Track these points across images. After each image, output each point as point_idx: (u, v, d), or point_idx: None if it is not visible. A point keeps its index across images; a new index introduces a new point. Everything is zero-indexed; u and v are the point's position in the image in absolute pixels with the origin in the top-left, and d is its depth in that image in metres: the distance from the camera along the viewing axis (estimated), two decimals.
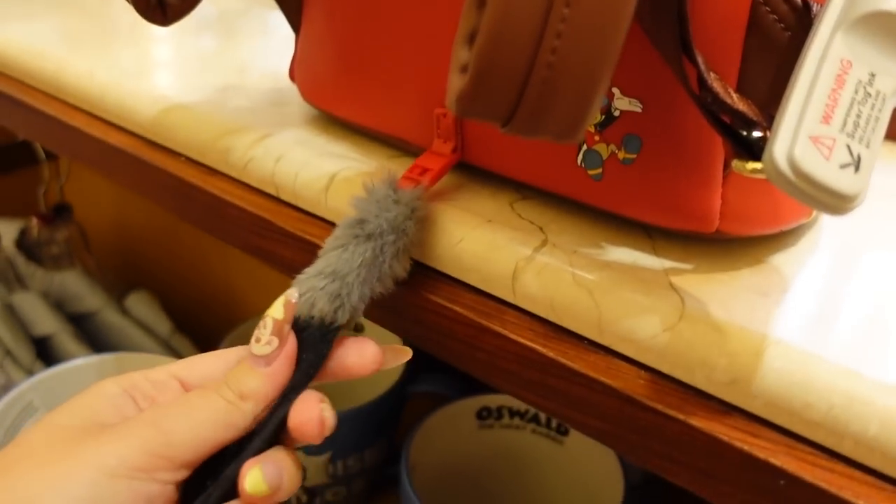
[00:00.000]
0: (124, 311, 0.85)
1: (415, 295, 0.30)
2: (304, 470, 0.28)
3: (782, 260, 0.29)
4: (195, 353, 0.83)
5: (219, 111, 0.40)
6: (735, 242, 0.29)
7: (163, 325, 0.84)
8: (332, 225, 0.32)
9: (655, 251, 0.28)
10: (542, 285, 0.27)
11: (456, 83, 0.22)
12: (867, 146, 0.20)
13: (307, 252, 0.33)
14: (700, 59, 0.23)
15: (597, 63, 0.21)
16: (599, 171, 0.28)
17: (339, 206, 0.33)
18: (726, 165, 0.26)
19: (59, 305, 0.84)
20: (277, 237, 0.34)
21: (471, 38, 0.23)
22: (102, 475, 0.25)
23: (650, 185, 0.27)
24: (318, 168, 0.35)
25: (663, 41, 0.24)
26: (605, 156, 0.28)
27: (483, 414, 0.58)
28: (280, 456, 0.27)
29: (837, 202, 0.20)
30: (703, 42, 0.24)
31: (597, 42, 0.20)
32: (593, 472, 0.54)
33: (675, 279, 0.27)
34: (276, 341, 0.27)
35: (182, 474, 0.26)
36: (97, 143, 0.43)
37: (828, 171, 0.19)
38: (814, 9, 0.24)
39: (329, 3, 0.35)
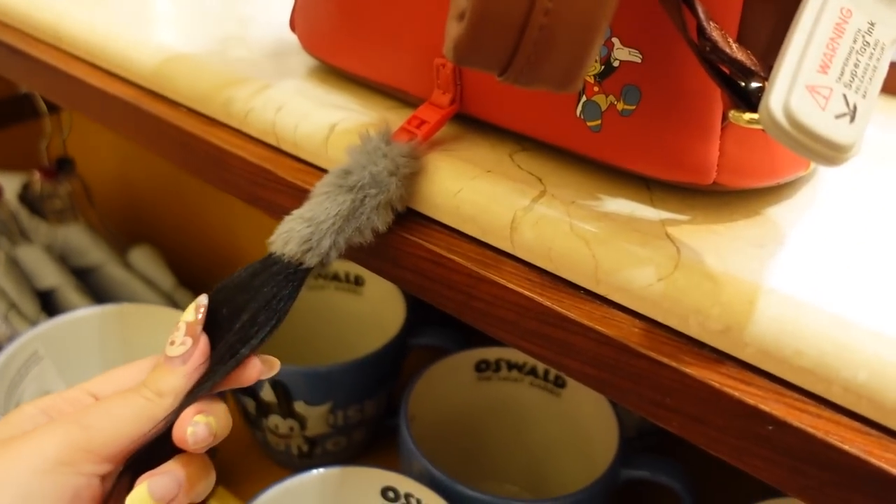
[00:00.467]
0: (127, 266, 0.85)
1: (413, 245, 0.30)
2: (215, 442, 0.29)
3: (779, 212, 0.29)
4: None
5: (220, 61, 0.40)
6: (732, 194, 0.29)
7: (166, 279, 0.84)
8: None
9: (653, 202, 0.29)
10: (540, 236, 0.28)
11: (453, 31, 0.22)
12: (864, 96, 0.20)
13: None
14: (700, 8, 0.23)
15: (594, 10, 0.21)
16: (598, 122, 0.28)
17: (339, 156, 0.33)
18: (724, 117, 0.26)
19: (63, 259, 0.85)
20: (278, 187, 0.35)
21: None
22: (28, 472, 0.26)
23: (648, 136, 0.27)
24: (318, 119, 0.35)
25: None
26: (604, 107, 0.28)
27: (481, 366, 0.58)
28: (174, 467, 0.28)
29: (832, 152, 0.20)
30: None
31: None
32: (589, 423, 0.55)
33: (671, 230, 0.27)
34: (189, 341, 0.29)
35: (105, 468, 0.28)
36: (98, 92, 0.43)
37: (823, 121, 0.19)
38: None
39: None
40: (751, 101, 0.23)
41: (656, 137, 0.27)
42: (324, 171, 0.34)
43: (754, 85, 0.23)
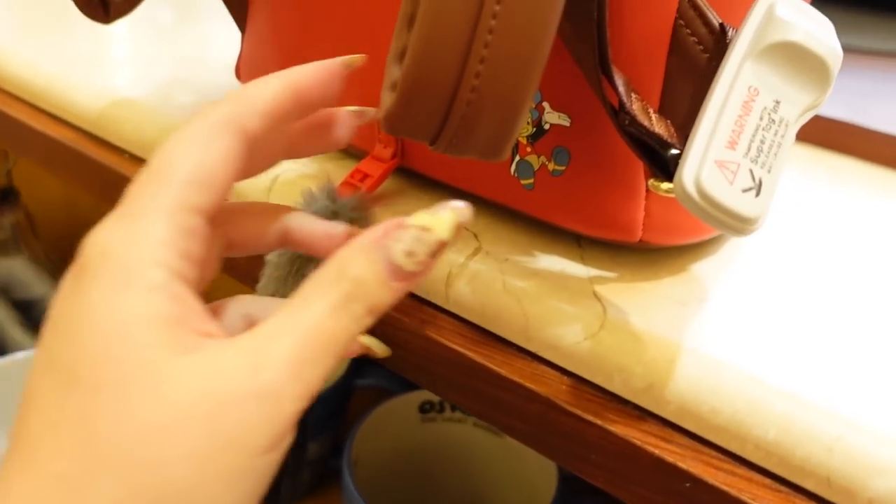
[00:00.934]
0: None
1: None
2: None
3: (702, 268, 0.30)
4: None
5: (166, 107, 0.40)
6: (658, 252, 0.30)
7: None
8: None
9: (583, 259, 0.30)
10: (474, 292, 0.29)
11: (386, 101, 0.23)
12: (769, 171, 0.21)
13: (251, 258, 0.34)
14: (620, 82, 0.24)
15: (519, 87, 0.22)
16: (531, 181, 0.29)
17: None
18: (649, 179, 0.28)
19: (5, 292, 0.83)
20: None
21: (401, 57, 0.24)
22: None
23: (578, 195, 0.29)
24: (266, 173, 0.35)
25: (585, 64, 0.25)
26: (536, 166, 0.29)
27: (426, 407, 0.59)
28: None
29: (739, 224, 0.21)
30: (627, 61, 0.26)
31: (518, 69, 0.21)
32: (531, 464, 0.56)
33: (599, 288, 0.28)
34: (429, 263, 0.22)
35: None
36: (40, 136, 0.43)
37: (731, 195, 0.21)
38: (729, 33, 0.25)
39: (272, 4, 0.36)
40: (668, 171, 0.24)
41: (585, 197, 0.29)
42: None
43: (673, 152, 0.25)
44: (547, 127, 0.28)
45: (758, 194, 0.21)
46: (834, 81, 0.23)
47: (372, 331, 0.31)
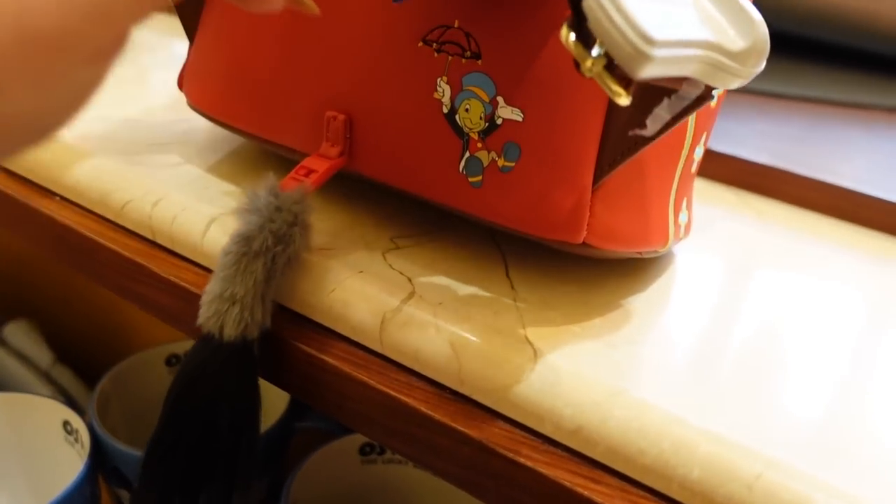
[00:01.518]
0: (2, 342, 0.81)
1: (287, 344, 0.31)
2: None
3: (631, 310, 0.31)
4: (77, 386, 0.80)
5: (98, 149, 0.40)
6: (589, 293, 0.31)
7: (43, 355, 0.81)
8: (208, 271, 0.33)
9: (516, 302, 0.30)
10: (408, 337, 0.29)
11: None
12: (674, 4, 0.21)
13: (182, 299, 0.34)
14: None
15: None
16: (479, 178, 0.30)
17: (217, 251, 0.33)
18: (596, 179, 0.29)
19: None
20: (152, 282, 0.35)
21: None
22: None
23: (525, 193, 0.29)
24: (197, 212, 0.35)
25: None
26: (485, 163, 0.30)
27: (366, 449, 0.58)
28: None
29: (636, 39, 0.20)
30: None
31: None
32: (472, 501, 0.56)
33: (531, 331, 0.28)
34: None
35: None
36: None
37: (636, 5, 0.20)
38: None
39: (227, 7, 0.36)
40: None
41: (532, 194, 0.29)
42: (200, 266, 0.35)
43: None
44: (499, 122, 0.29)
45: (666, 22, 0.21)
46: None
47: (305, 374, 0.31)
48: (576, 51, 0.22)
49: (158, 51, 0.56)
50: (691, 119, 0.32)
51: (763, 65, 0.24)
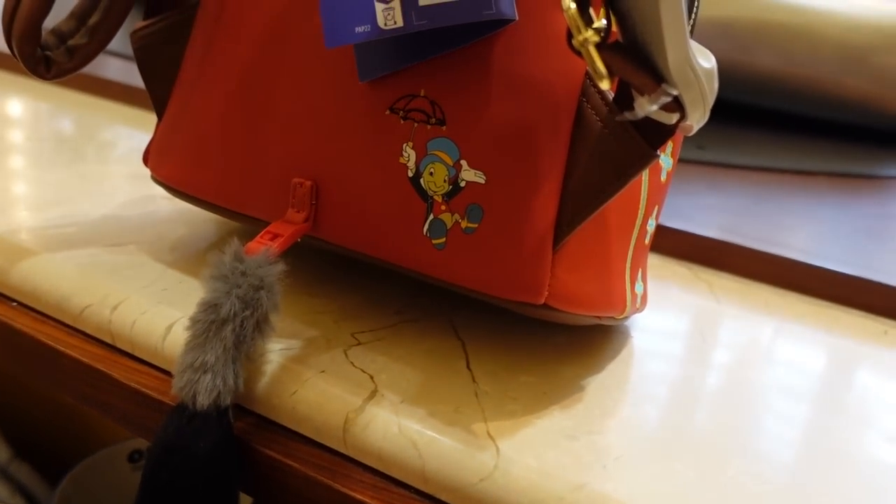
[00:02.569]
0: None
1: (250, 448, 0.31)
2: None
3: (590, 396, 0.31)
4: (37, 483, 0.78)
5: (56, 253, 0.40)
6: (548, 383, 0.32)
7: (1, 452, 0.78)
8: (169, 375, 0.33)
9: (478, 396, 0.31)
10: (371, 437, 0.29)
11: None
12: None
13: (143, 405, 0.33)
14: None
15: None
16: (443, 240, 0.30)
17: (176, 355, 0.33)
18: (556, 240, 0.29)
19: None
20: (112, 389, 0.34)
21: None
22: None
23: (488, 255, 0.30)
24: (156, 316, 0.35)
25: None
26: (449, 224, 0.30)
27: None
28: None
29: None
30: (535, 125, 0.29)
31: None
32: None
33: (492, 426, 0.29)
34: None
35: None
36: None
37: None
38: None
39: (200, 82, 0.37)
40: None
41: (495, 256, 0.30)
42: (161, 370, 0.34)
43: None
44: (463, 185, 0.30)
45: None
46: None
47: (269, 479, 0.31)
48: (573, 20, 0.24)
49: (118, 146, 0.56)
50: (643, 191, 0.33)
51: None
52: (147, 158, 0.40)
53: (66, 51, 0.37)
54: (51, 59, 0.37)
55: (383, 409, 0.29)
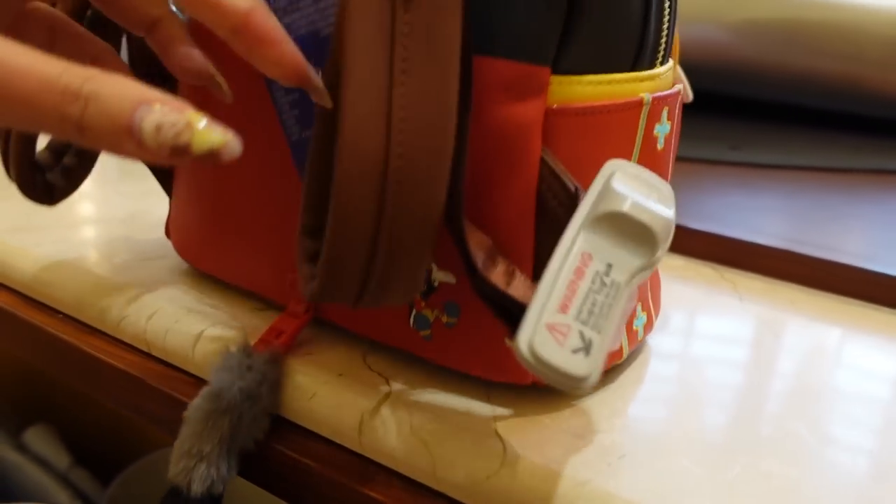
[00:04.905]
0: (21, 447, 0.83)
1: (271, 449, 0.32)
2: None
3: (601, 397, 0.32)
4: (94, 488, 0.81)
5: (98, 267, 0.42)
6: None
7: (61, 459, 0.82)
8: (201, 381, 0.35)
9: (489, 399, 0.31)
10: (384, 437, 0.30)
11: (306, 273, 0.26)
12: (599, 332, 0.23)
13: (176, 408, 0.35)
14: (479, 247, 0.27)
15: (420, 246, 0.25)
16: (429, 332, 0.32)
17: (206, 362, 0.35)
18: None
19: None
20: (148, 394, 0.36)
21: (311, 232, 0.27)
22: None
23: (471, 345, 0.31)
24: (187, 325, 0.37)
25: (454, 236, 0.28)
26: (431, 319, 0.31)
27: None
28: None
29: (570, 382, 0.23)
30: (497, 226, 0.29)
31: (419, 232, 0.24)
32: None
33: (501, 426, 0.30)
34: (161, 153, 0.21)
35: None
36: None
37: (561, 356, 0.23)
38: (580, 196, 0.28)
39: (196, 171, 0.38)
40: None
41: (478, 344, 0.31)
42: (192, 376, 0.36)
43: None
44: (436, 285, 0.31)
45: (587, 354, 0.23)
46: (664, 245, 0.25)
47: (286, 476, 0.32)
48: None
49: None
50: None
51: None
52: (168, 232, 0.42)
53: (63, 171, 0.38)
54: (51, 185, 0.38)
55: (396, 411, 0.31)
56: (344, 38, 0.24)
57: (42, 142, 0.38)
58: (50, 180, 0.38)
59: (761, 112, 0.83)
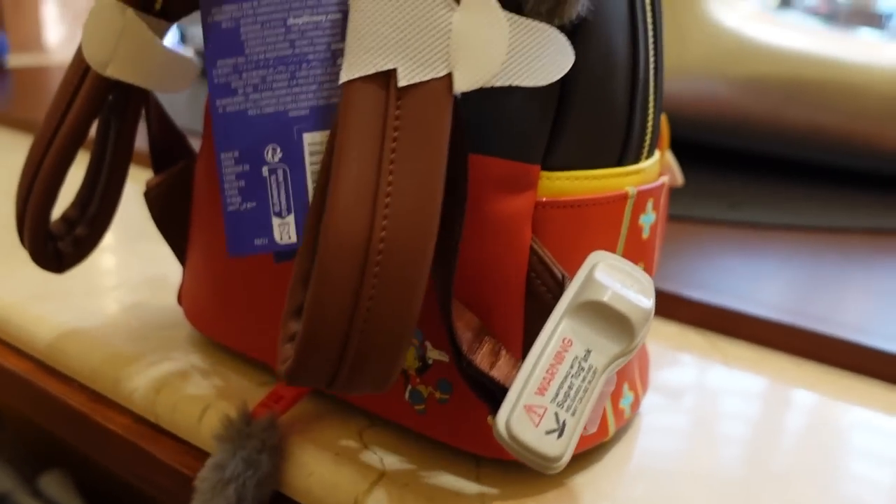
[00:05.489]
0: (36, 493, 0.85)
1: None
2: None
3: (587, 479, 0.33)
4: None
5: (113, 336, 0.44)
6: None
7: None
8: (207, 455, 0.36)
9: (479, 478, 0.33)
10: None
11: (284, 354, 0.27)
12: (573, 414, 0.25)
13: (184, 482, 0.37)
14: (467, 327, 0.29)
15: (397, 335, 0.26)
16: (423, 406, 0.33)
17: (212, 435, 0.37)
18: None
19: None
20: (156, 467, 0.38)
21: (297, 313, 0.28)
22: None
23: (464, 421, 0.32)
24: (195, 398, 0.39)
25: (444, 319, 0.29)
26: (425, 395, 0.33)
27: None
28: None
29: (543, 462, 0.24)
30: (486, 307, 0.30)
31: (397, 319, 0.26)
32: None
33: None
34: None
35: None
36: None
37: (534, 436, 0.24)
38: (566, 283, 0.29)
39: (208, 240, 0.40)
40: None
41: (471, 421, 0.32)
42: (199, 450, 0.38)
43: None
44: (430, 362, 0.32)
45: (560, 435, 0.25)
46: (641, 334, 0.27)
47: None
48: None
49: None
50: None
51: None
52: (180, 300, 0.44)
53: (73, 241, 0.40)
54: (61, 253, 0.40)
55: (388, 492, 0.32)
56: (339, 128, 0.26)
57: (57, 211, 0.40)
58: (60, 249, 0.40)
59: (762, 166, 0.85)
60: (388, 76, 0.25)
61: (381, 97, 0.25)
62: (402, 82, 0.25)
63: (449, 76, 0.25)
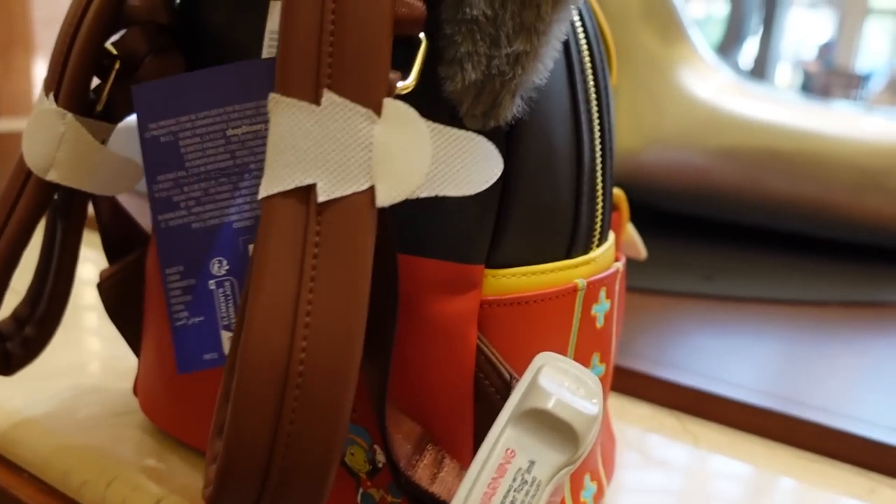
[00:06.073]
0: None
1: None
2: None
3: None
4: None
5: (64, 425, 0.43)
6: None
7: None
8: None
9: None
10: None
11: (208, 476, 0.26)
12: None
13: None
14: (406, 439, 0.28)
15: (321, 462, 0.25)
16: None
17: None
18: None
19: None
20: None
21: (221, 432, 0.27)
22: None
23: None
24: (145, 492, 0.37)
25: (380, 434, 0.28)
26: (377, 498, 0.32)
27: None
28: None
29: None
30: (433, 412, 0.29)
31: (322, 444, 0.25)
32: None
33: None
34: None
35: None
36: None
37: None
38: (513, 385, 0.29)
39: (160, 333, 0.40)
40: None
41: None
42: None
43: None
44: (380, 465, 0.31)
45: None
46: (586, 442, 0.26)
47: None
48: None
49: None
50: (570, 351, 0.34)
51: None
52: (136, 391, 0.43)
53: (23, 342, 0.39)
54: (10, 354, 0.39)
55: None
56: (258, 245, 0.26)
57: (6, 309, 0.40)
58: (9, 349, 0.39)
59: (738, 237, 0.85)
60: (308, 191, 0.24)
61: (301, 212, 0.25)
62: (321, 197, 0.24)
63: (371, 189, 0.25)
